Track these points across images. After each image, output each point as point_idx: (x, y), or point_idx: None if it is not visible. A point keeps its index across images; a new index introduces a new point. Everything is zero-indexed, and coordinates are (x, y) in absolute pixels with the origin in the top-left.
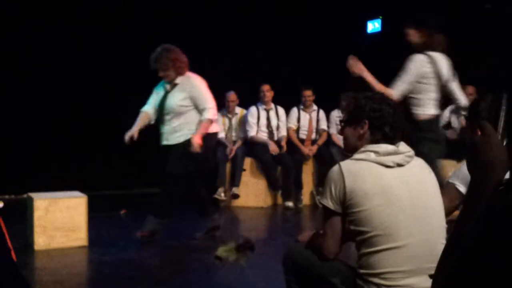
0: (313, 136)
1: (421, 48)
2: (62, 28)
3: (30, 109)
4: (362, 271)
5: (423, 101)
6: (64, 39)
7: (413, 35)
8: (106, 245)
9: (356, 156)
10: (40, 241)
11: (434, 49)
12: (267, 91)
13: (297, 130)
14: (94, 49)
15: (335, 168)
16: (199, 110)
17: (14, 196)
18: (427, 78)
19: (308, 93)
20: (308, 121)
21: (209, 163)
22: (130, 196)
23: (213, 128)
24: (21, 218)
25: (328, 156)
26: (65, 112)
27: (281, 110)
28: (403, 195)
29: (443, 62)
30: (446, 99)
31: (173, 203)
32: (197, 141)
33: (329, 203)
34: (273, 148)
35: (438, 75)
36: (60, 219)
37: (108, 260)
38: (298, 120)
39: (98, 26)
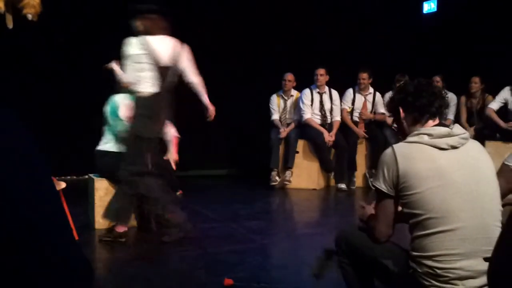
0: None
1: (144, 33)
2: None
3: (91, 93)
4: (415, 253)
5: (140, 80)
6: None
7: (138, 24)
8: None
9: (410, 139)
10: (101, 220)
11: (155, 33)
12: (321, 75)
13: (351, 112)
14: None
15: (388, 150)
16: None
17: (76, 177)
18: (141, 58)
19: (364, 76)
20: (362, 103)
21: None
22: (188, 178)
23: None
24: (83, 199)
25: (381, 138)
26: None
27: (335, 94)
28: (457, 177)
29: (161, 44)
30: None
31: None
32: None
33: (382, 186)
34: (327, 138)
35: (152, 56)
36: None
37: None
38: (353, 102)
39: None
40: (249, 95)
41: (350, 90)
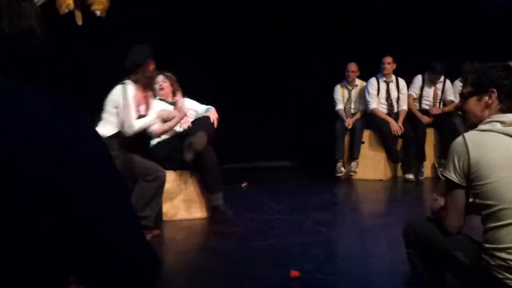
0: (438, 107)
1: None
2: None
3: None
4: (487, 245)
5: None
6: None
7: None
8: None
9: (481, 126)
10: (167, 212)
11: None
12: (388, 64)
13: (420, 100)
14: None
15: (459, 139)
16: None
17: None
18: None
19: (437, 66)
20: (433, 91)
21: None
22: (252, 170)
23: None
24: None
25: (451, 127)
26: None
27: (402, 82)
28: None
29: None
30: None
31: None
32: None
33: (452, 176)
34: (395, 128)
35: None
36: (184, 191)
37: (231, 231)
38: (422, 89)
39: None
40: (313, 85)
41: (419, 77)
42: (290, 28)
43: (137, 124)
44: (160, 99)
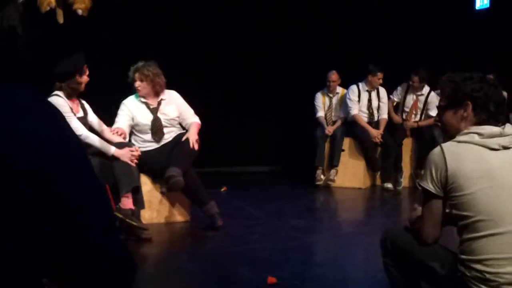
0: (417, 118)
1: None
2: None
3: None
4: (463, 256)
5: None
6: None
7: None
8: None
9: (459, 138)
10: (146, 215)
11: None
12: (378, 79)
13: (401, 108)
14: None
15: (437, 150)
16: None
17: None
18: None
19: (415, 79)
20: (413, 102)
21: None
22: (232, 174)
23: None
24: None
25: (429, 137)
26: None
27: (382, 91)
28: (508, 179)
29: None
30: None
31: None
32: None
33: (429, 186)
34: (375, 135)
35: None
36: (165, 194)
37: (210, 235)
38: (404, 98)
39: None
40: (294, 92)
41: (404, 85)
42: (274, 34)
43: (90, 137)
44: (141, 101)
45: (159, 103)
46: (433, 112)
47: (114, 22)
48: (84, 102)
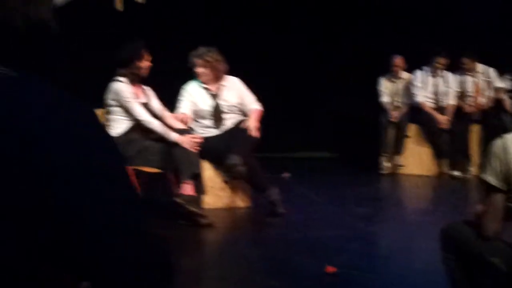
0: (484, 101)
1: None
2: None
3: None
4: None
5: None
6: None
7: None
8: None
9: None
10: (208, 200)
11: None
12: (441, 64)
13: (464, 95)
14: None
15: (499, 141)
16: None
17: None
18: None
19: (466, 61)
20: (473, 85)
21: None
22: (295, 160)
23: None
24: None
25: (499, 124)
26: None
27: (451, 77)
28: None
29: None
30: None
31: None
32: None
33: (490, 179)
34: (441, 120)
35: None
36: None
37: (270, 221)
38: (463, 83)
39: None
40: (358, 77)
41: (457, 72)
42: (337, 18)
43: (152, 123)
44: (202, 87)
45: (219, 89)
46: (499, 83)
47: (177, 8)
48: (147, 88)
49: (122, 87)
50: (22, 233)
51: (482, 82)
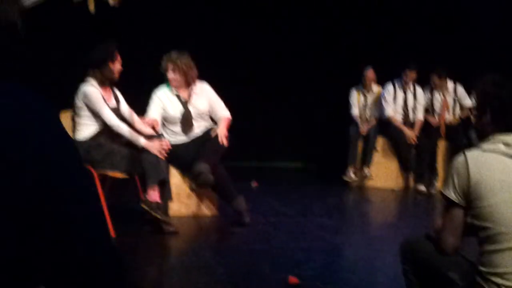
0: (450, 118)
1: None
2: None
3: None
4: (483, 268)
5: None
6: None
7: None
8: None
9: (484, 146)
10: (174, 207)
11: None
12: (411, 78)
13: (430, 111)
14: None
15: (461, 158)
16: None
17: None
18: None
19: (435, 78)
20: (442, 101)
21: None
22: (263, 169)
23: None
24: None
25: (465, 139)
26: None
27: (419, 91)
28: None
29: None
30: None
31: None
32: None
33: (451, 194)
34: (410, 136)
35: None
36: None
37: (236, 231)
38: (431, 99)
39: None
40: (328, 88)
41: (427, 87)
42: (309, 29)
43: (121, 127)
44: (173, 93)
45: (190, 95)
46: (467, 102)
47: (148, 11)
48: (117, 91)
49: (92, 90)
50: None
51: (450, 99)
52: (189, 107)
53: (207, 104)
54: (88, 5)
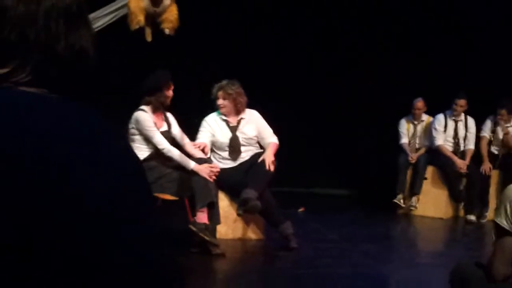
0: (507, 150)
1: None
2: None
3: None
4: None
5: None
6: None
7: None
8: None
9: None
10: (222, 230)
11: None
12: (461, 107)
13: (490, 143)
14: None
15: None
16: None
17: None
18: None
19: (502, 112)
20: (503, 135)
21: None
22: (311, 195)
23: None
24: None
25: None
26: None
27: (471, 121)
28: None
29: None
30: None
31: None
32: None
33: (503, 222)
34: (460, 165)
35: None
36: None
37: (282, 255)
38: (493, 131)
39: None
40: (378, 118)
41: (491, 118)
42: (360, 57)
43: (171, 151)
44: (222, 119)
45: (239, 122)
46: None
47: (201, 40)
48: (169, 115)
49: (144, 116)
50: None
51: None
52: (237, 133)
53: (256, 130)
54: (145, 34)
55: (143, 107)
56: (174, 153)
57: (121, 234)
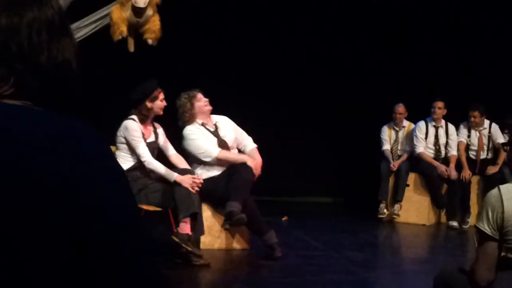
0: (484, 155)
1: None
2: None
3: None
4: None
5: None
6: None
7: None
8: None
9: None
10: (206, 241)
11: None
12: (439, 109)
13: (467, 149)
14: None
15: (494, 191)
16: None
17: None
18: None
19: (475, 114)
20: (478, 139)
21: None
22: (294, 204)
23: None
24: None
25: (498, 177)
26: None
27: (451, 128)
28: None
29: None
30: None
31: None
32: None
33: (485, 227)
34: (442, 171)
35: None
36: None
37: (267, 264)
38: (468, 136)
39: None
40: (359, 125)
41: (465, 123)
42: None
43: (153, 164)
44: (202, 124)
45: (216, 126)
46: (500, 140)
47: (184, 50)
48: (157, 126)
49: (132, 125)
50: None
51: (485, 136)
52: (221, 137)
53: (234, 133)
54: (127, 44)
55: (133, 116)
56: (156, 165)
57: (120, 235)
